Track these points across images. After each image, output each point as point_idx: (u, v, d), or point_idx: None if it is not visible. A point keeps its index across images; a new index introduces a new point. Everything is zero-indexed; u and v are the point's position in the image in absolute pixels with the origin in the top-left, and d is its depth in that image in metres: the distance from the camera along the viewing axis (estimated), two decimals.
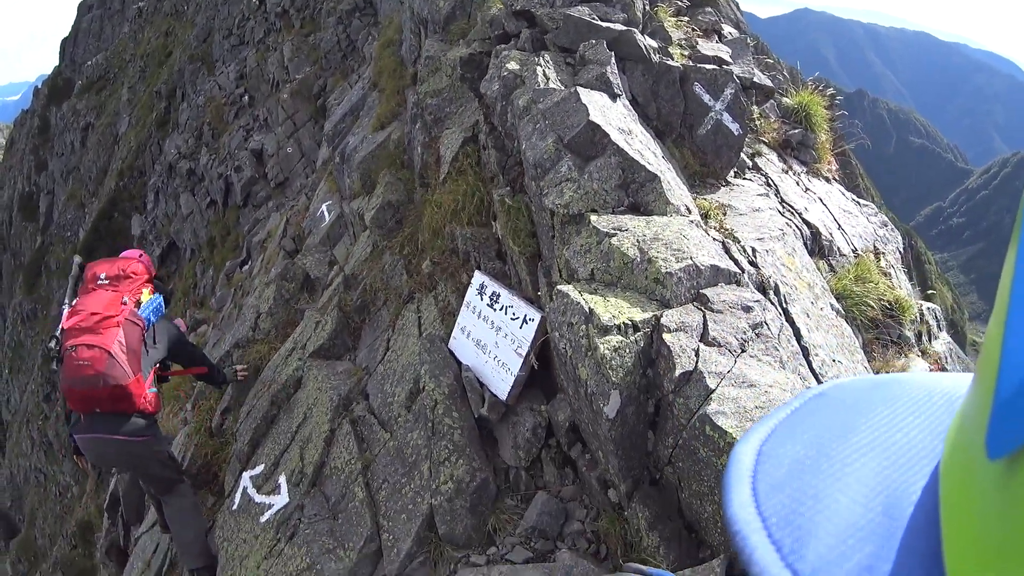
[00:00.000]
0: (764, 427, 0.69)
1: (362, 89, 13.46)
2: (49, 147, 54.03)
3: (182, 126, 30.26)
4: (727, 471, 0.64)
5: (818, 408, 0.70)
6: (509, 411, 5.51)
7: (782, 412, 0.71)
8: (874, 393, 0.69)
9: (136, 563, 8.27)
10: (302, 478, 6.34)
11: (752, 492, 0.60)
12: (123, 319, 6.15)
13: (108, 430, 6.12)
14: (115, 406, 6.06)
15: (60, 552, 26.26)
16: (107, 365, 5.88)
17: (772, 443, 0.66)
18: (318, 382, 7.07)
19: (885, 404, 0.66)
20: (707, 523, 3.82)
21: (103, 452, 6.33)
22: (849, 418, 0.65)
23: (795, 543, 0.53)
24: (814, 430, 0.65)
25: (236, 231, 21.63)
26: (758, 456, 0.64)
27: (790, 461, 0.62)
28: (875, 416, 0.64)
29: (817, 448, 0.62)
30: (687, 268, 4.48)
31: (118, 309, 6.19)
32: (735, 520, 0.58)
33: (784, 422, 0.69)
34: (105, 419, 6.10)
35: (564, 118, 5.62)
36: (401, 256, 7.69)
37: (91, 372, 5.86)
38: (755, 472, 0.62)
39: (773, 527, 0.56)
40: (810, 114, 8.21)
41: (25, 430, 42.69)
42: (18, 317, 48.14)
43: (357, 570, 5.42)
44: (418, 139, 8.17)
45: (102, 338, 5.96)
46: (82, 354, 5.89)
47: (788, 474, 0.60)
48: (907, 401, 0.65)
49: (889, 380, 0.71)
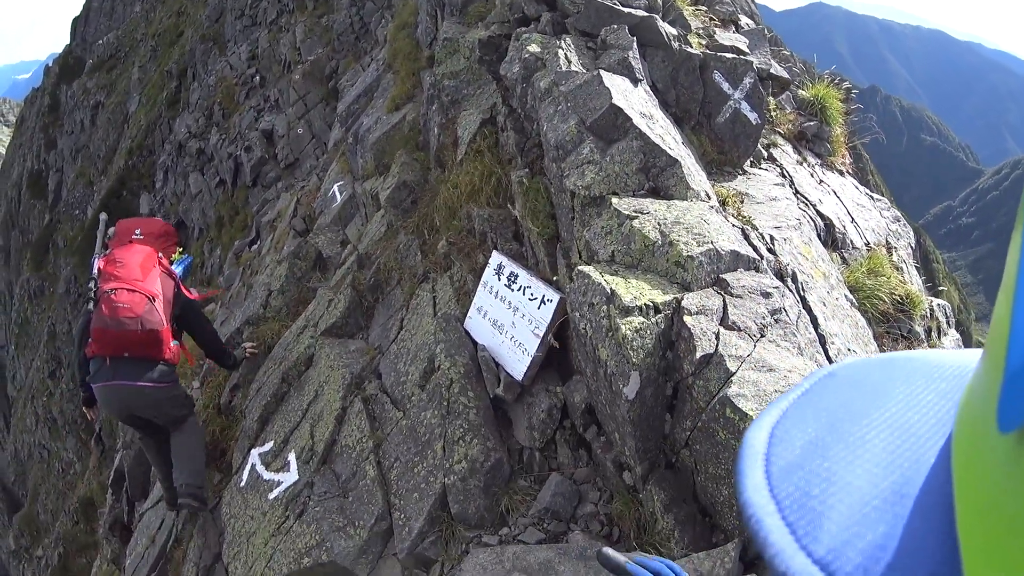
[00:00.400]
0: (776, 409, 0.69)
1: (376, 71, 13.45)
2: (59, 125, 54.11)
3: (192, 106, 30.28)
4: (740, 455, 0.64)
5: (829, 388, 0.70)
6: (524, 392, 5.52)
7: (793, 394, 0.71)
8: (884, 371, 0.69)
9: (140, 539, 8.29)
10: (312, 456, 6.34)
11: (765, 475, 0.60)
12: (162, 270, 6.61)
13: (132, 377, 6.34)
14: (144, 351, 6.34)
15: (62, 528, 26.39)
16: (145, 310, 6.25)
17: (784, 425, 0.66)
18: (330, 360, 7.06)
19: (895, 382, 0.66)
20: (722, 507, 3.84)
21: (124, 399, 6.47)
22: (860, 397, 0.66)
23: (809, 525, 0.53)
24: (826, 411, 0.65)
25: (245, 211, 21.64)
26: (770, 439, 0.64)
27: (802, 443, 0.62)
28: (886, 395, 0.64)
29: (829, 429, 0.62)
30: (708, 252, 4.48)
31: (155, 261, 6.60)
32: (749, 504, 0.58)
33: (795, 404, 0.69)
34: (131, 365, 6.34)
35: (586, 101, 5.62)
36: (416, 236, 7.70)
37: (130, 315, 6.19)
38: (768, 455, 0.62)
39: (787, 510, 0.55)
40: (826, 107, 8.20)
41: (30, 406, 42.86)
42: (25, 294, 48.30)
43: (367, 548, 5.43)
44: (435, 120, 8.16)
45: (142, 284, 6.32)
46: (122, 297, 6.21)
47: (801, 456, 0.60)
48: (917, 379, 0.65)
49: (899, 358, 0.71)
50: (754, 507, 0.57)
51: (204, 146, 26.72)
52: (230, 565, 6.29)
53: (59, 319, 39.77)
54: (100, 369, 6.37)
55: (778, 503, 0.56)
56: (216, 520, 7.09)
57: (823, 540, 0.52)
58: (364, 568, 5.41)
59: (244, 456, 7.16)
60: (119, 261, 6.45)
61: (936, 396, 0.62)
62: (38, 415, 40.94)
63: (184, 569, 7.05)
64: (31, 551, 32.11)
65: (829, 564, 0.50)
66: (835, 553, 0.51)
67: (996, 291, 0.45)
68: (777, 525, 0.54)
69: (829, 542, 0.52)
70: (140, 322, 6.22)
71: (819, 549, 0.51)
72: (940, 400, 0.61)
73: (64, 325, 38.95)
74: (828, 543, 0.51)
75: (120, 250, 6.61)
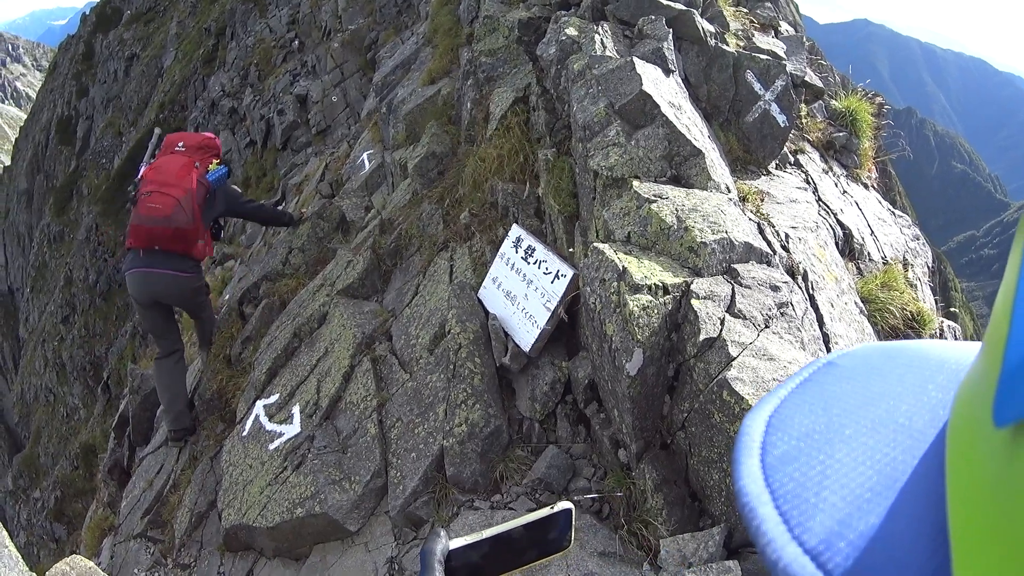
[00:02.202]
0: (774, 398, 0.69)
1: (415, 44, 13.46)
2: (92, 74, 54.16)
3: (228, 65, 30.27)
4: (736, 442, 0.65)
5: (828, 378, 0.69)
6: (530, 363, 5.60)
7: (792, 382, 0.71)
8: (884, 362, 0.69)
9: (138, 483, 8.39)
10: (316, 410, 6.43)
11: (761, 464, 0.60)
12: (194, 177, 7.53)
13: (162, 266, 7.50)
14: (173, 245, 7.47)
15: (61, 472, 26.53)
16: (174, 210, 7.31)
17: (782, 414, 0.66)
18: (343, 319, 7.15)
19: (895, 373, 0.67)
20: (712, 491, 3.91)
21: (151, 284, 7.56)
22: (858, 388, 0.66)
23: (802, 515, 0.54)
24: (824, 401, 0.66)
25: (272, 173, 21.69)
26: (767, 427, 0.65)
27: (799, 433, 0.62)
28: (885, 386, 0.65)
29: (826, 420, 0.63)
30: (721, 241, 4.55)
31: (191, 170, 7.57)
32: (743, 492, 0.58)
33: (794, 392, 0.69)
34: (161, 256, 7.48)
35: (617, 85, 5.69)
36: (440, 206, 7.76)
37: (160, 214, 7.29)
38: (764, 444, 0.63)
39: (780, 499, 0.56)
40: (857, 119, 8.18)
41: (40, 349, 43.03)
42: (45, 238, 48.45)
43: (361, 503, 5.52)
44: (468, 95, 8.23)
45: (174, 189, 7.38)
46: (155, 199, 7.32)
47: (797, 446, 0.61)
48: (917, 370, 0.66)
49: (899, 348, 0.72)
50: (748, 495, 0.58)
51: (237, 105, 26.75)
52: (224, 511, 6.37)
53: (76, 266, 39.90)
54: (133, 259, 7.53)
55: (772, 492, 0.57)
56: (214, 467, 7.21)
57: (815, 530, 0.53)
58: (355, 523, 5.50)
59: (249, 407, 7.25)
60: (159, 168, 7.53)
61: (935, 388, 0.63)
62: (47, 359, 41.13)
63: (178, 513, 7.16)
64: (28, 492, 32.32)
65: (820, 554, 0.52)
66: (826, 544, 0.52)
67: None
68: (770, 514, 0.55)
69: (821, 532, 0.52)
70: (169, 221, 7.30)
71: (811, 539, 0.53)
72: (938, 392, 0.62)
73: (81, 272, 39.10)
74: (820, 533, 0.52)
75: (163, 159, 7.68)
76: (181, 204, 7.34)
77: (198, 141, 7.98)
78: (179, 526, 7.01)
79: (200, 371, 9.08)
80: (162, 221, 7.29)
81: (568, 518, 1.34)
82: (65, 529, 22.26)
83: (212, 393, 8.34)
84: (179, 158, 7.67)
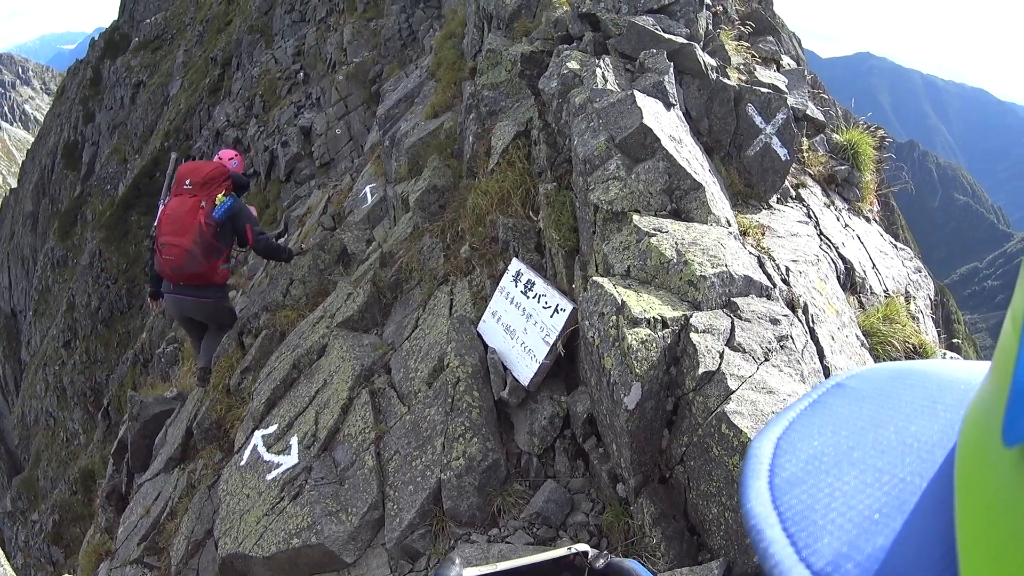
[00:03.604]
0: (783, 420, 0.69)
1: (419, 77, 13.55)
2: (99, 100, 54.47)
3: (234, 95, 30.44)
4: (744, 465, 0.65)
5: (836, 400, 0.69)
6: (529, 397, 5.59)
7: (800, 404, 0.70)
8: (892, 383, 0.69)
9: (136, 509, 8.40)
10: (314, 441, 6.41)
11: (769, 486, 0.60)
12: (199, 222, 8.42)
13: (188, 294, 8.85)
14: (194, 280, 8.67)
15: (60, 496, 26.43)
16: (186, 260, 8.38)
17: (790, 437, 0.66)
18: (342, 351, 7.14)
19: (903, 393, 0.66)
20: (711, 525, 3.88)
21: (183, 306, 9.08)
22: (867, 409, 0.66)
23: (809, 537, 0.54)
24: (832, 423, 0.65)
25: (276, 205, 21.75)
26: (776, 450, 0.65)
27: (808, 455, 0.62)
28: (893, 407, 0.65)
29: (834, 442, 0.63)
30: (721, 275, 4.55)
31: (196, 215, 8.46)
32: (751, 514, 0.58)
33: (802, 415, 0.69)
34: (186, 288, 8.78)
35: (618, 119, 5.70)
36: (441, 239, 7.77)
37: (175, 264, 8.41)
38: (772, 466, 0.63)
39: (788, 522, 0.56)
40: (858, 152, 8.19)
41: (41, 373, 43.04)
42: (49, 262, 48.53)
43: (357, 535, 5.50)
44: (470, 129, 8.26)
45: (183, 239, 8.37)
46: (169, 251, 8.40)
47: (805, 469, 0.61)
48: (924, 390, 0.66)
49: (908, 369, 0.71)
50: (756, 518, 0.58)
51: (241, 136, 26.86)
52: (220, 540, 6.33)
53: (79, 291, 39.98)
54: (166, 286, 8.93)
55: (780, 514, 0.57)
56: (212, 496, 7.18)
57: (823, 552, 0.53)
58: (351, 554, 5.48)
59: (247, 437, 7.21)
60: (170, 216, 8.50)
61: (944, 408, 0.63)
62: (48, 383, 41.13)
63: (175, 541, 7.14)
64: (27, 515, 32.21)
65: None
66: (834, 565, 0.52)
67: None
68: (778, 537, 0.55)
69: (829, 555, 0.52)
70: (182, 269, 8.43)
71: (819, 562, 0.52)
72: (947, 412, 0.62)
73: (84, 298, 39.16)
74: (828, 555, 0.52)
75: (172, 201, 8.63)
76: (191, 253, 8.35)
77: (204, 175, 8.71)
78: (175, 553, 6.98)
79: (199, 400, 9.11)
80: (178, 269, 8.43)
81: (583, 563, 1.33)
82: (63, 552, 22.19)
83: (211, 422, 8.33)
84: (186, 200, 8.56)
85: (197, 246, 8.39)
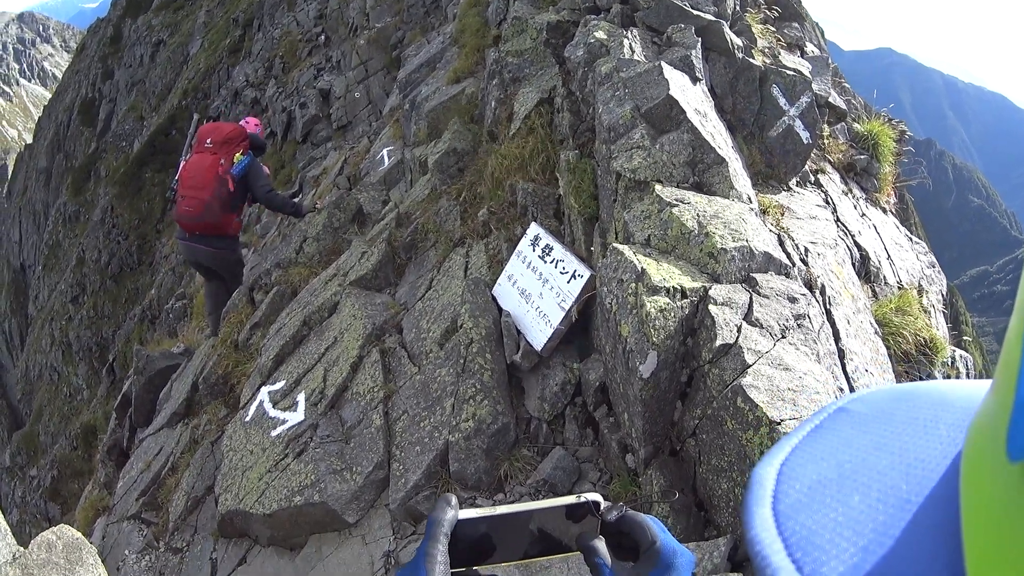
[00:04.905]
0: (786, 446, 0.69)
1: (441, 44, 13.48)
2: (118, 58, 54.29)
3: (254, 56, 30.34)
4: (748, 491, 0.65)
5: (839, 424, 0.70)
6: (541, 363, 5.57)
7: (804, 429, 0.71)
8: (893, 405, 0.69)
9: (136, 464, 8.40)
10: (321, 399, 6.40)
11: (773, 512, 0.61)
12: (218, 177, 8.91)
13: (201, 243, 9.26)
14: (209, 231, 9.11)
15: (60, 451, 26.48)
16: (204, 210, 8.86)
17: (794, 462, 0.66)
18: (354, 309, 7.12)
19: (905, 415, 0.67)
20: (719, 501, 3.87)
21: (196, 254, 9.51)
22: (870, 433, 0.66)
23: (815, 563, 0.54)
24: (835, 448, 0.66)
25: (291, 165, 21.67)
26: (779, 475, 0.65)
27: (811, 481, 0.63)
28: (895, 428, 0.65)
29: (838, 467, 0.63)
30: (742, 249, 4.53)
31: (215, 170, 8.93)
32: (756, 540, 0.59)
33: (805, 440, 0.69)
34: (200, 237, 9.20)
35: (644, 89, 5.67)
36: (458, 202, 7.75)
37: (192, 215, 8.92)
38: (776, 492, 0.63)
39: (793, 547, 0.56)
40: (878, 143, 8.17)
41: (48, 328, 43.04)
42: (60, 217, 48.48)
43: (361, 494, 5.48)
44: (493, 95, 8.23)
45: (202, 191, 8.87)
46: (188, 202, 8.93)
47: (809, 494, 0.61)
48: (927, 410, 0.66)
49: (909, 391, 0.71)
50: (761, 544, 0.58)
51: (260, 96, 26.77)
52: (221, 496, 6.33)
53: (89, 246, 39.93)
54: (181, 234, 9.42)
55: (785, 541, 0.57)
56: (214, 452, 7.18)
57: None
58: (353, 514, 5.46)
59: (254, 393, 7.21)
60: (190, 170, 9.01)
61: (946, 427, 0.63)
62: (54, 337, 41.13)
63: (175, 496, 7.14)
64: (25, 470, 32.27)
65: None
66: None
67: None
68: (784, 563, 0.55)
69: None
70: (199, 219, 8.92)
71: None
72: (949, 430, 0.62)
73: (94, 253, 39.13)
74: None
75: (193, 158, 9.14)
76: (208, 204, 8.85)
77: (224, 135, 9.19)
78: (174, 509, 6.99)
79: (206, 355, 9.13)
80: (195, 219, 8.94)
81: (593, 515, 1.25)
82: (59, 509, 22.19)
83: (217, 377, 8.32)
84: (207, 157, 9.05)
85: (215, 199, 8.87)
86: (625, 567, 1.24)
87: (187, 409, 8.67)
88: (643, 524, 1.23)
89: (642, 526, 1.22)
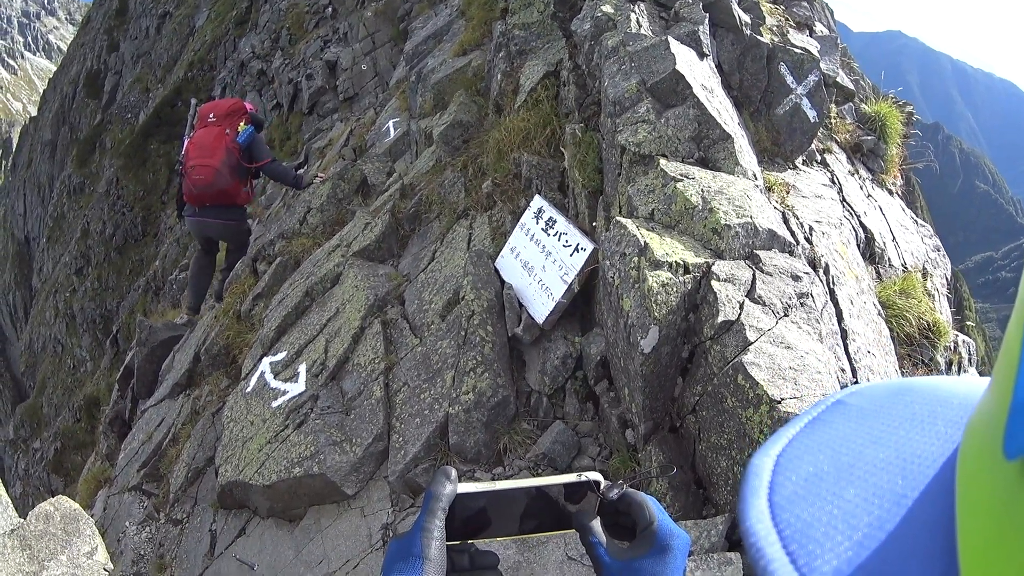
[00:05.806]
0: (783, 437, 0.69)
1: (448, 16, 13.44)
2: (124, 30, 54.11)
3: (260, 27, 30.20)
4: (745, 482, 0.65)
5: (837, 417, 0.70)
6: (543, 336, 5.57)
7: (801, 422, 0.71)
8: (892, 400, 0.69)
9: (138, 435, 8.44)
10: (322, 370, 6.40)
11: (769, 504, 0.61)
12: (226, 144, 9.09)
13: (212, 216, 9.39)
14: (220, 200, 9.21)
15: (63, 423, 26.57)
16: (215, 177, 8.94)
17: (790, 454, 0.66)
18: (356, 280, 7.12)
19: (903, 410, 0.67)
20: (718, 479, 3.87)
21: (204, 228, 9.60)
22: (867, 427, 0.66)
23: (809, 555, 0.54)
24: (832, 441, 0.66)
25: (297, 137, 21.66)
26: (776, 467, 0.65)
27: (808, 473, 0.63)
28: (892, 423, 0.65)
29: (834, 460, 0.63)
30: (745, 225, 4.51)
31: (223, 138, 9.14)
32: (751, 532, 0.58)
33: (803, 432, 0.69)
34: (211, 209, 9.31)
35: (651, 63, 5.63)
36: (463, 174, 7.73)
37: (203, 183, 8.97)
38: (772, 484, 0.63)
39: (788, 540, 0.56)
40: (886, 125, 8.13)
41: (52, 300, 43.14)
42: (65, 189, 48.53)
43: (360, 466, 5.49)
44: (499, 67, 8.19)
45: (212, 159, 8.98)
46: (199, 171, 8.97)
47: (805, 487, 0.61)
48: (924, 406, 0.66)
49: (907, 386, 0.71)
50: (756, 535, 0.58)
51: (266, 68, 26.69)
52: (220, 468, 6.35)
53: (94, 218, 39.96)
54: (190, 210, 9.43)
55: (780, 533, 0.57)
56: (215, 423, 7.19)
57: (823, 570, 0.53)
58: (352, 486, 5.47)
59: (255, 363, 7.22)
60: (197, 142, 9.13)
61: (944, 423, 0.63)
62: (58, 309, 41.23)
63: (175, 468, 7.17)
64: (29, 443, 32.40)
65: None
66: None
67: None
68: (778, 555, 0.55)
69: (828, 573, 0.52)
70: (211, 187, 8.98)
71: None
72: (947, 427, 0.62)
73: (98, 225, 39.15)
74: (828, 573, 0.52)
75: (199, 132, 9.27)
76: (219, 170, 8.95)
77: (226, 108, 9.48)
78: (175, 481, 7.02)
79: (208, 326, 9.14)
80: (207, 187, 9.00)
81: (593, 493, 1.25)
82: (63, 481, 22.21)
83: (219, 348, 8.33)
84: (212, 129, 9.23)
85: (225, 165, 8.99)
86: (620, 547, 1.24)
87: (189, 380, 8.71)
88: (642, 504, 1.23)
89: (641, 506, 1.22)
